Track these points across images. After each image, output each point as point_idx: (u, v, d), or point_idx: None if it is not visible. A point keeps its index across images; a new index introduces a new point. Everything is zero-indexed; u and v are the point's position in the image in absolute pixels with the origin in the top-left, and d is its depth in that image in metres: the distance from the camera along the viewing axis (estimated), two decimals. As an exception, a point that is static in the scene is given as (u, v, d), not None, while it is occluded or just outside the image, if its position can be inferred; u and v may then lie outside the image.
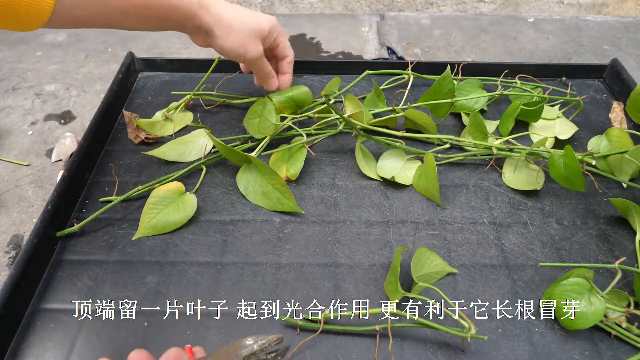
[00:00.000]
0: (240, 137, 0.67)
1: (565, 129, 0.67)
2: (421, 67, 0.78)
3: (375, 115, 0.67)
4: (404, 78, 0.76)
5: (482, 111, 0.73)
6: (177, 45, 0.93)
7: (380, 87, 0.76)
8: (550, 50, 0.92)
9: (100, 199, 0.60)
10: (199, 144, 0.65)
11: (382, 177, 0.62)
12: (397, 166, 0.63)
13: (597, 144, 0.63)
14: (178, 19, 0.55)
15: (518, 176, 0.61)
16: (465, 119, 0.69)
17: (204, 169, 0.63)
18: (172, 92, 0.75)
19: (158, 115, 0.71)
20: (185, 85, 0.77)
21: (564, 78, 0.79)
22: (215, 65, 0.71)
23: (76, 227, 0.55)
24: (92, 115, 0.68)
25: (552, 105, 0.71)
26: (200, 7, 0.55)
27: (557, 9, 1.06)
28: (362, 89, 0.77)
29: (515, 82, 0.73)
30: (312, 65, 0.79)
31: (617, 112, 0.72)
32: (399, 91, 0.76)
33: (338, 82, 0.71)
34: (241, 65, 0.69)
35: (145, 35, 0.96)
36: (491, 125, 0.69)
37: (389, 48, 0.92)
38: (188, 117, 0.71)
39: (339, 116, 0.62)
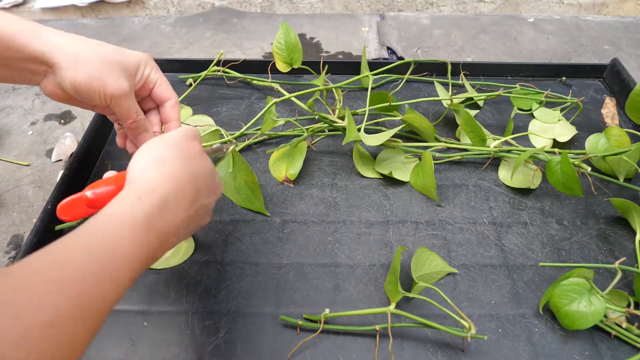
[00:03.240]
0: (239, 136, 0.67)
1: (565, 132, 0.67)
2: (421, 67, 0.78)
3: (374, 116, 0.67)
4: (401, 79, 0.76)
5: (478, 107, 0.73)
6: (178, 46, 0.93)
7: (378, 85, 0.76)
8: (550, 50, 0.92)
9: (100, 199, 0.60)
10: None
11: (380, 174, 0.63)
12: (395, 164, 0.63)
13: (595, 142, 0.62)
14: (4, 53, 0.41)
15: (515, 174, 0.61)
16: (459, 119, 0.69)
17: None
18: (180, 76, 0.77)
19: None
20: (186, 86, 0.77)
21: (564, 78, 0.79)
22: (216, 63, 0.71)
23: (75, 222, 0.56)
24: (92, 115, 0.68)
25: (553, 109, 0.71)
26: (34, 34, 0.42)
27: (557, 9, 1.06)
28: (355, 86, 0.77)
29: (515, 88, 0.72)
30: (312, 65, 0.79)
31: (609, 108, 0.72)
32: (396, 90, 0.76)
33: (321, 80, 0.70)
34: (115, 125, 0.53)
35: (145, 35, 0.96)
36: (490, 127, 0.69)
37: (389, 48, 0.92)
38: (187, 113, 0.71)
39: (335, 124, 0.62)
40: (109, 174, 0.42)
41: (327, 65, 0.73)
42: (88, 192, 0.39)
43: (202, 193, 0.41)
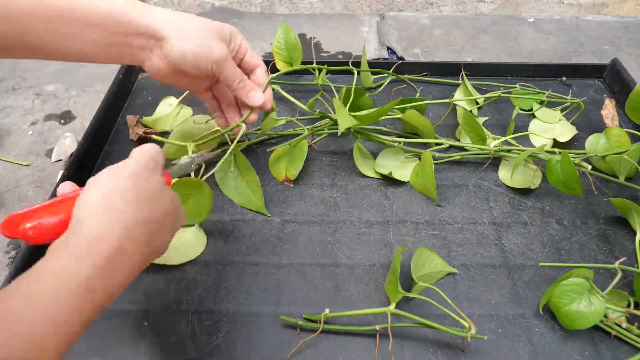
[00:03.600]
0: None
1: (565, 132, 0.67)
2: (420, 67, 0.78)
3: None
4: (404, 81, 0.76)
5: (478, 108, 0.73)
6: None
7: (376, 84, 0.76)
8: (550, 50, 0.92)
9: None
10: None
11: (380, 174, 0.63)
12: (395, 163, 0.63)
13: (595, 142, 0.62)
14: (115, 29, 0.44)
15: (515, 174, 0.62)
16: (460, 118, 0.69)
17: (203, 166, 0.63)
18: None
19: (161, 108, 0.71)
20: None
21: (564, 78, 0.79)
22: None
23: None
24: (92, 115, 0.68)
25: (553, 109, 0.71)
26: (144, 9, 0.45)
27: (557, 9, 1.06)
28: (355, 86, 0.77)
29: (516, 88, 0.72)
30: (312, 65, 0.79)
31: (608, 109, 0.72)
32: (396, 88, 0.76)
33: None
34: (201, 94, 0.56)
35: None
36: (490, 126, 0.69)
37: (389, 48, 0.92)
38: (187, 112, 0.71)
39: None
40: (64, 187, 0.40)
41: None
42: (28, 225, 0.36)
43: (157, 236, 0.37)
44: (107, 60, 0.47)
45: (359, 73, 0.69)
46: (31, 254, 0.51)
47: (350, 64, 0.69)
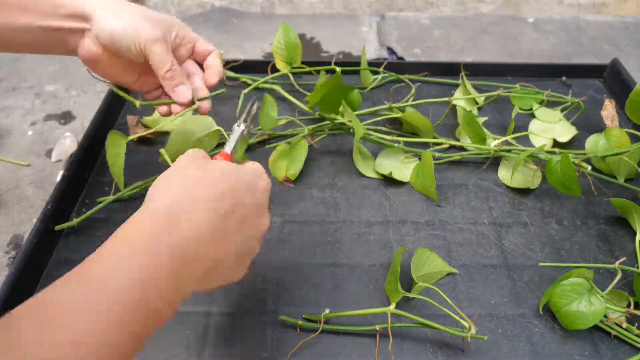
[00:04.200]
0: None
1: (565, 132, 0.67)
2: (420, 67, 0.78)
3: (373, 114, 0.67)
4: (404, 81, 0.76)
5: (478, 108, 0.73)
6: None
7: (376, 83, 0.76)
8: (550, 50, 0.92)
9: (98, 199, 0.60)
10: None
11: (380, 174, 0.63)
12: (395, 163, 0.63)
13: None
14: (45, 12, 0.44)
15: (515, 174, 0.62)
16: (460, 118, 0.69)
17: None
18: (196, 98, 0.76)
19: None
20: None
21: (564, 78, 0.79)
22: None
23: (75, 221, 0.56)
24: (92, 115, 0.68)
25: (554, 109, 0.71)
26: None
27: (557, 9, 1.06)
28: (355, 86, 0.77)
29: (515, 88, 0.72)
30: (312, 65, 0.79)
31: (608, 110, 0.72)
32: (395, 86, 0.76)
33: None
34: (147, 96, 0.54)
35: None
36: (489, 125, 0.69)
37: (389, 48, 0.92)
38: (187, 112, 0.71)
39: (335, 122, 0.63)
40: None
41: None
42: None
43: (229, 195, 0.35)
44: (41, 48, 0.47)
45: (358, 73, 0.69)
46: (31, 254, 0.51)
47: (332, 64, 0.69)
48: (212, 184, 0.35)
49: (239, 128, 0.49)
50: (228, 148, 0.46)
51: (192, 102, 0.51)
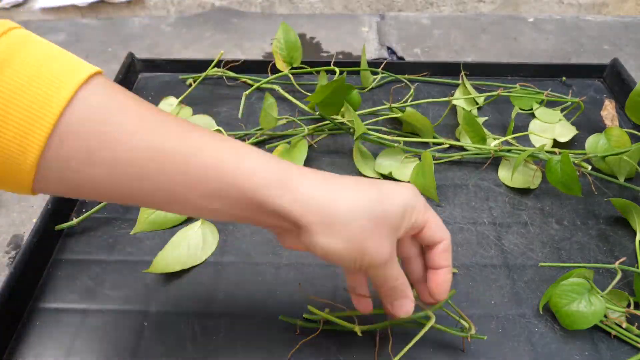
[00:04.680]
0: (238, 134, 0.67)
1: (565, 132, 0.67)
2: (420, 67, 0.78)
3: (373, 114, 0.67)
4: (403, 81, 0.76)
5: (478, 108, 0.73)
6: (178, 46, 0.93)
7: (375, 83, 0.76)
8: (550, 50, 0.92)
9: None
10: None
11: (380, 174, 0.63)
12: (395, 163, 0.63)
13: (595, 142, 0.62)
14: (237, 201, 0.32)
15: (515, 174, 0.62)
16: (460, 118, 0.69)
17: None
18: (180, 76, 0.76)
19: (161, 107, 0.71)
20: (186, 86, 0.77)
21: (564, 78, 0.79)
22: (216, 64, 0.71)
23: (75, 221, 0.56)
24: (92, 115, 0.68)
25: (554, 109, 0.71)
26: (280, 184, 0.32)
27: (557, 9, 1.06)
28: (355, 86, 0.77)
29: (515, 88, 0.72)
30: (312, 65, 0.79)
31: (608, 110, 0.72)
32: (396, 87, 0.76)
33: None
34: (348, 280, 0.42)
35: (145, 35, 0.96)
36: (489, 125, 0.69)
37: (389, 48, 0.92)
38: (187, 112, 0.71)
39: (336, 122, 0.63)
40: None
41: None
42: None
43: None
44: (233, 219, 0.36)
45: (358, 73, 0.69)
46: (31, 254, 0.51)
47: (332, 64, 0.69)
48: None
49: None
50: None
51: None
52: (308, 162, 0.64)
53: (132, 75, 0.78)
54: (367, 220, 0.33)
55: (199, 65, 0.78)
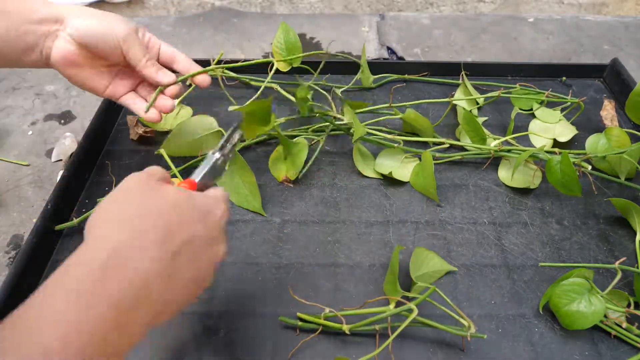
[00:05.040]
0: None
1: (565, 132, 0.67)
2: (420, 67, 0.78)
3: (373, 114, 0.67)
4: (404, 81, 0.77)
5: (478, 108, 0.73)
6: (178, 46, 0.93)
7: (378, 85, 0.76)
8: (550, 50, 0.92)
9: (98, 199, 0.60)
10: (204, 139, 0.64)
11: (380, 174, 0.63)
12: (395, 163, 0.63)
13: (595, 142, 0.62)
14: (20, 18, 0.46)
15: (515, 174, 0.62)
16: (460, 118, 0.69)
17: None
18: (180, 77, 0.76)
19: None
20: (186, 86, 0.77)
21: (564, 78, 0.79)
22: (216, 64, 0.71)
23: (75, 221, 0.56)
24: (92, 115, 0.68)
25: (554, 109, 0.71)
26: (48, 2, 0.48)
27: (557, 9, 1.06)
28: (355, 86, 0.77)
29: (515, 88, 0.72)
30: (312, 65, 0.79)
31: (608, 110, 0.72)
32: (396, 86, 0.76)
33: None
34: (121, 100, 0.54)
35: (145, 35, 0.96)
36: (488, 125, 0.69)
37: (389, 48, 0.92)
38: (187, 112, 0.71)
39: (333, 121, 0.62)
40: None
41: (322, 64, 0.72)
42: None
43: (179, 229, 0.32)
44: (15, 56, 0.47)
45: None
46: (31, 253, 0.51)
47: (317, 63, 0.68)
48: (159, 218, 0.32)
49: (213, 155, 0.43)
50: (196, 176, 0.41)
51: (181, 92, 0.55)
52: (308, 162, 0.64)
53: (132, 75, 0.78)
54: (111, 15, 0.49)
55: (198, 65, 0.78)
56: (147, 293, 0.29)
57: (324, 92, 0.70)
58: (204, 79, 0.55)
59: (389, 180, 0.63)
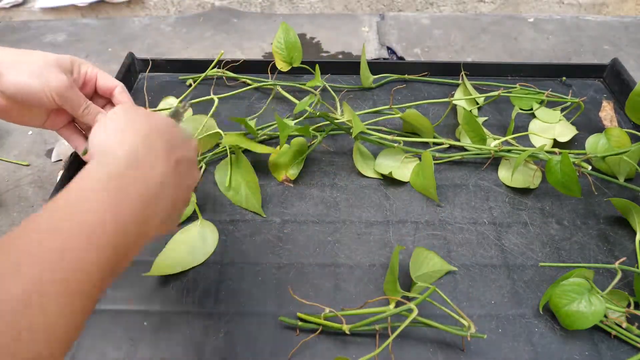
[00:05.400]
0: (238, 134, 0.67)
1: (565, 132, 0.67)
2: (420, 67, 0.78)
3: (373, 114, 0.67)
4: (404, 81, 0.76)
5: (478, 108, 0.73)
6: (178, 46, 0.93)
7: (378, 85, 0.76)
8: (550, 50, 0.92)
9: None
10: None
11: (380, 174, 0.63)
12: (395, 163, 0.63)
13: (595, 142, 0.62)
14: None
15: (515, 174, 0.62)
16: (460, 118, 0.69)
17: (204, 166, 0.63)
18: (180, 77, 0.76)
19: (161, 107, 0.71)
20: (186, 86, 0.77)
21: (564, 78, 0.79)
22: (216, 64, 0.71)
23: None
24: (92, 115, 0.68)
25: (554, 109, 0.71)
26: None
27: (557, 9, 1.06)
28: (355, 86, 0.77)
29: (516, 88, 0.72)
30: (312, 65, 0.79)
31: (607, 111, 0.72)
32: (396, 88, 0.76)
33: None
34: (60, 133, 0.54)
35: (145, 35, 0.96)
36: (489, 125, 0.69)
37: (389, 48, 0.92)
38: (187, 113, 0.71)
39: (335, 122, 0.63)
40: None
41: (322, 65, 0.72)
42: None
43: (175, 143, 0.38)
44: None
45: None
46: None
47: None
48: (163, 132, 0.37)
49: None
50: None
51: None
52: (308, 162, 0.64)
53: (132, 75, 0.78)
54: (43, 62, 0.46)
55: (199, 65, 0.78)
56: (163, 191, 0.34)
57: (332, 92, 0.70)
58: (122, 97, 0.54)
59: (389, 180, 0.63)
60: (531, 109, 0.72)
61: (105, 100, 0.54)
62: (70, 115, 0.52)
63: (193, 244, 0.54)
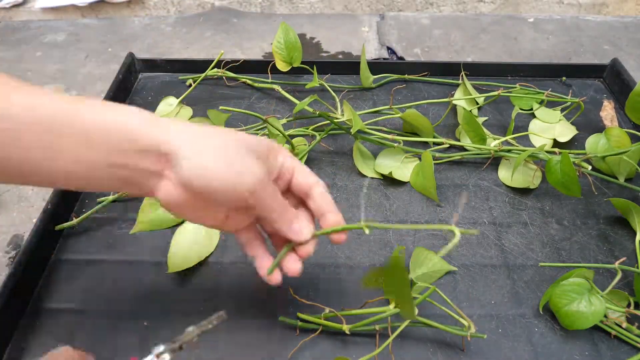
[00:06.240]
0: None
1: (565, 132, 0.67)
2: (420, 67, 0.78)
3: (373, 114, 0.67)
4: (404, 81, 0.76)
5: (478, 108, 0.73)
6: (178, 46, 0.93)
7: (378, 85, 0.76)
8: (550, 50, 0.92)
9: (98, 199, 0.60)
10: None
11: (380, 174, 0.63)
12: (395, 163, 0.63)
13: (595, 142, 0.62)
14: (116, 147, 0.33)
15: (515, 174, 0.62)
16: (460, 118, 0.69)
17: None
18: (180, 77, 0.76)
19: (161, 108, 0.71)
20: (186, 86, 0.77)
21: (564, 78, 0.79)
22: (216, 64, 0.71)
23: (75, 221, 0.56)
24: (92, 115, 0.68)
25: (554, 109, 0.71)
26: (154, 123, 0.34)
27: (557, 9, 1.06)
28: (355, 86, 0.77)
29: (515, 88, 0.72)
30: (312, 65, 0.79)
31: (607, 110, 0.72)
32: (396, 88, 0.76)
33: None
34: (237, 236, 0.41)
35: (145, 35, 0.96)
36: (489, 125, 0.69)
37: (389, 48, 0.92)
38: (187, 113, 0.71)
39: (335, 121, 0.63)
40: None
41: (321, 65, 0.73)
42: None
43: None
44: (107, 187, 0.36)
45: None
46: (31, 254, 0.51)
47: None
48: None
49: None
50: None
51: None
52: (308, 162, 0.64)
53: (132, 75, 0.78)
54: (237, 145, 0.35)
55: (198, 65, 0.78)
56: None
57: (332, 92, 0.70)
58: (339, 237, 0.40)
59: (389, 180, 0.63)
60: (531, 109, 0.72)
61: (296, 200, 0.41)
62: (254, 216, 0.40)
63: (198, 234, 0.54)
